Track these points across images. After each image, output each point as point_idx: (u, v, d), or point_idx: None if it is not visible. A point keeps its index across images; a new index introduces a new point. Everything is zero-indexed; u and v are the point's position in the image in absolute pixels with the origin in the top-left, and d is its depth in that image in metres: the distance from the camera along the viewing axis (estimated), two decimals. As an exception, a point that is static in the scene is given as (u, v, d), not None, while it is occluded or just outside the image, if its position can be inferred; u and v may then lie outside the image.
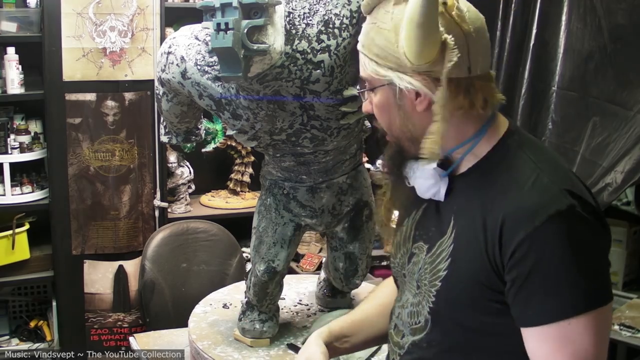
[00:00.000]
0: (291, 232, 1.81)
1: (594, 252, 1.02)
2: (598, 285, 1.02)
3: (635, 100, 2.51)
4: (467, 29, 1.06)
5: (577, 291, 1.00)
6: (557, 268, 1.00)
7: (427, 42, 1.04)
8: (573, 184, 1.06)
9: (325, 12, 1.50)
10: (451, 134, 1.12)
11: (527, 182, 1.05)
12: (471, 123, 1.13)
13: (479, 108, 1.10)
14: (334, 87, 1.53)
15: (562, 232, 1.00)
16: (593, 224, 1.02)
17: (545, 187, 1.03)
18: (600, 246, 1.04)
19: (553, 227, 1.00)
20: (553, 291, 1.00)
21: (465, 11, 1.08)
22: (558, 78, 2.74)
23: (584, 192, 1.05)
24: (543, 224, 1.00)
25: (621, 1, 2.54)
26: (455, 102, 1.09)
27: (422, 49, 1.04)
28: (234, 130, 1.68)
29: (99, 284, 3.12)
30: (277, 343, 1.85)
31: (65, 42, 2.89)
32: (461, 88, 1.08)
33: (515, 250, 1.02)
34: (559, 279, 1.00)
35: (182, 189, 3.31)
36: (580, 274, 1.00)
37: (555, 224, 1.00)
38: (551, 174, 1.06)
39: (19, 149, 2.94)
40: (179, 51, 1.63)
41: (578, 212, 1.01)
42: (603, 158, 2.57)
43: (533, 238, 1.00)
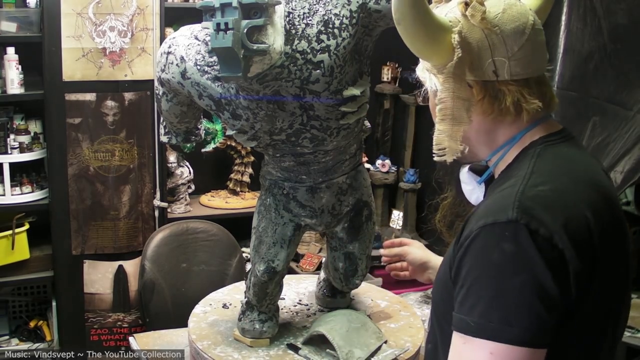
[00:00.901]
0: (291, 232, 1.81)
1: (514, 279, 0.91)
2: (500, 317, 0.90)
3: (635, 100, 2.51)
4: (490, 29, 1.04)
5: (475, 311, 0.92)
6: (472, 277, 0.94)
7: (421, 39, 1.03)
8: (539, 203, 0.95)
9: (325, 12, 1.50)
10: (482, 140, 1.11)
11: (503, 188, 1.01)
12: (503, 130, 1.09)
13: (508, 114, 1.06)
14: (334, 87, 1.53)
15: (486, 244, 0.94)
16: (529, 251, 0.91)
17: (507, 195, 0.97)
18: (527, 278, 0.90)
19: (482, 236, 0.95)
20: (463, 300, 0.95)
21: (495, 12, 1.04)
22: (558, 78, 2.74)
23: (545, 217, 0.93)
24: (479, 229, 0.95)
25: (621, 1, 2.54)
26: (482, 107, 1.07)
27: (421, 46, 1.04)
28: (233, 130, 1.68)
29: (98, 284, 3.12)
30: (277, 343, 1.85)
31: (65, 42, 2.89)
32: (487, 91, 1.06)
33: (459, 250, 0.99)
34: (469, 291, 0.94)
35: (182, 189, 3.31)
36: (483, 294, 0.92)
37: (485, 234, 0.94)
38: (528, 186, 0.98)
39: (19, 149, 2.95)
40: (179, 51, 1.63)
41: (516, 230, 0.92)
42: (603, 158, 2.57)
43: (469, 241, 0.96)
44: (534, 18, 1.08)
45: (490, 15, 1.04)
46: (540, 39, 1.08)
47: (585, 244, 0.95)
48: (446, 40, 1.04)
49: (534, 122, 1.09)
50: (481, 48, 1.04)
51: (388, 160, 3.74)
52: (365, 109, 1.64)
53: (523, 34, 1.05)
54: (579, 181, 1.03)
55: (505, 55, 1.04)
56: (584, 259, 0.94)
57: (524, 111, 1.06)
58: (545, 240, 0.91)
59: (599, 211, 1.00)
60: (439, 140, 1.07)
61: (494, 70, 1.04)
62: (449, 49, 1.03)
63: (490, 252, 0.93)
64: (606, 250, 1.00)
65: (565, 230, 0.93)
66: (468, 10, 1.03)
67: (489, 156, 1.13)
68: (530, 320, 0.90)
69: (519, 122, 1.08)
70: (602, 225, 1.00)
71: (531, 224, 0.92)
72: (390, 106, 3.75)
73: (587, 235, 0.96)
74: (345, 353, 1.71)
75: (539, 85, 1.08)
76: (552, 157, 1.06)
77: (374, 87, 3.63)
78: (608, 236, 1.02)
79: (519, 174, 1.02)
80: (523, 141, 1.09)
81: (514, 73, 1.05)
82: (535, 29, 1.07)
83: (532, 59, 1.07)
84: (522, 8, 1.08)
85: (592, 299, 0.97)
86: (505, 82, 1.05)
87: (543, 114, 1.09)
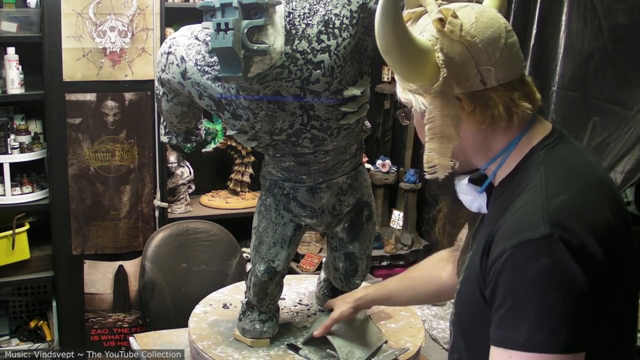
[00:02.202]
0: (291, 232, 1.81)
1: (556, 292, 0.93)
2: (549, 329, 0.93)
3: (635, 100, 2.51)
4: (470, 41, 1.04)
5: (522, 327, 0.94)
6: (514, 295, 0.96)
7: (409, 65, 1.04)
8: (565, 214, 0.96)
9: (325, 12, 1.50)
10: (479, 151, 1.11)
11: (523, 203, 1.01)
12: (499, 137, 1.10)
13: (501, 120, 1.06)
14: (334, 87, 1.53)
15: (523, 262, 0.95)
16: (567, 263, 0.93)
17: (531, 211, 0.98)
18: (568, 289, 0.92)
19: (518, 254, 0.95)
20: (506, 317, 0.96)
21: (469, 23, 1.05)
22: (558, 78, 2.74)
23: (575, 227, 0.95)
24: (512, 247, 0.96)
25: (621, 1, 2.54)
26: (474, 118, 1.07)
27: (409, 73, 1.05)
28: (234, 130, 1.68)
29: (99, 284, 3.12)
30: (277, 343, 1.85)
31: (65, 42, 2.89)
32: (477, 102, 1.06)
33: (491, 269, 1.00)
34: (512, 307, 0.95)
35: (182, 189, 3.31)
36: (529, 310, 0.94)
37: (522, 251, 0.95)
38: (549, 197, 0.99)
39: (19, 149, 2.95)
40: (179, 51, 1.63)
41: (551, 245, 0.93)
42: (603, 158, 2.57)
43: (503, 260, 0.97)
44: (504, 20, 1.10)
45: (466, 27, 1.04)
46: (515, 39, 1.09)
47: (611, 244, 0.98)
48: (430, 61, 1.04)
49: (526, 126, 1.10)
50: (465, 61, 1.04)
51: (388, 160, 3.74)
52: (366, 109, 1.65)
53: (500, 38, 1.06)
54: (591, 184, 1.04)
55: (489, 62, 1.05)
56: (612, 258, 0.97)
57: (515, 115, 1.06)
58: (580, 249, 0.94)
59: (613, 209, 1.03)
60: (429, 158, 1.09)
61: (480, 79, 1.05)
62: (434, 69, 1.04)
63: (529, 269, 0.94)
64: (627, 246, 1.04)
65: (594, 236, 0.95)
66: (446, 26, 1.03)
67: (485, 165, 1.13)
68: (576, 328, 0.93)
69: (512, 128, 1.09)
70: (619, 223, 1.03)
71: (564, 236, 0.93)
72: (391, 106, 3.75)
73: (611, 235, 0.98)
74: (346, 353, 1.71)
75: (522, 85, 1.09)
76: (557, 163, 1.06)
77: (374, 87, 3.63)
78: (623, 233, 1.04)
79: (533, 186, 1.02)
80: (521, 147, 1.09)
81: (500, 78, 1.05)
82: (509, 31, 1.08)
83: (513, 61, 1.08)
84: (491, 13, 1.09)
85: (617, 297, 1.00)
86: (494, 89, 1.05)
87: (531, 117, 1.10)
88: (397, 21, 1.01)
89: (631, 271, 1.06)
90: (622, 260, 1.01)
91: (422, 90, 1.07)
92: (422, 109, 1.08)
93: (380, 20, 1.01)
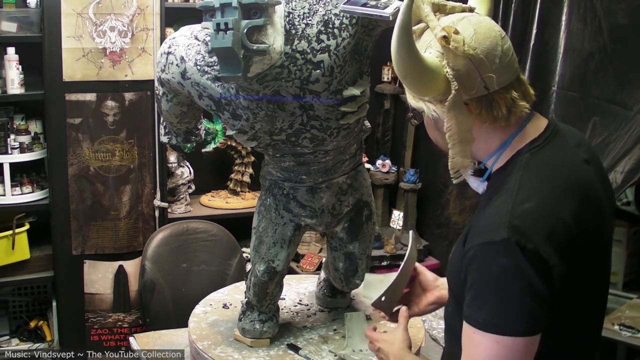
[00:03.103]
0: (291, 232, 1.81)
1: (512, 288, 1.08)
2: (501, 316, 1.09)
3: (635, 100, 2.51)
4: (472, 53, 1.13)
5: (482, 312, 1.11)
6: (478, 285, 1.12)
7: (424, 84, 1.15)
8: (526, 221, 1.08)
9: (325, 12, 1.50)
10: (480, 146, 1.21)
11: (496, 205, 1.14)
12: (497, 135, 1.20)
13: (501, 120, 1.16)
14: (334, 87, 1.53)
15: (486, 259, 1.10)
16: (522, 264, 1.06)
17: (498, 214, 1.11)
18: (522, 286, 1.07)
19: (482, 252, 1.10)
20: (472, 301, 1.13)
21: (469, 36, 1.14)
22: (558, 78, 2.74)
23: (531, 233, 1.07)
24: (478, 246, 1.11)
25: (621, 1, 2.54)
26: (479, 118, 1.17)
27: (424, 90, 1.17)
28: (233, 130, 1.68)
29: (99, 284, 3.12)
30: (277, 343, 1.85)
31: (65, 42, 2.89)
32: (482, 105, 1.16)
33: (464, 257, 1.14)
34: (477, 294, 1.12)
35: (182, 189, 3.31)
36: (488, 299, 1.10)
37: (483, 251, 1.10)
38: (515, 204, 1.10)
39: (19, 149, 2.95)
40: (179, 51, 1.63)
41: (508, 248, 1.07)
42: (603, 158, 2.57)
43: (470, 255, 1.12)
44: (498, 27, 1.18)
45: (467, 40, 1.14)
46: (509, 44, 1.18)
47: (567, 248, 1.10)
48: (440, 76, 1.14)
49: (521, 124, 1.19)
50: (469, 71, 1.14)
51: (388, 160, 3.74)
52: (365, 109, 1.65)
53: (497, 46, 1.15)
54: (560, 189, 1.14)
55: (490, 69, 1.14)
56: (566, 261, 1.09)
57: (512, 115, 1.17)
58: (533, 253, 1.07)
59: (580, 212, 1.13)
60: (454, 164, 1.22)
61: (484, 86, 1.15)
62: (444, 82, 1.14)
63: (490, 266, 1.09)
64: (588, 246, 1.16)
65: (549, 241, 1.08)
66: (451, 44, 1.13)
67: (486, 159, 1.23)
68: (528, 316, 1.09)
69: (510, 126, 1.19)
70: (584, 224, 1.14)
71: (521, 242, 1.07)
72: (391, 106, 3.75)
73: (567, 240, 1.10)
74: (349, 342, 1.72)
75: (519, 84, 1.18)
76: (537, 167, 1.16)
77: (374, 87, 3.62)
78: (590, 231, 1.17)
79: (508, 188, 1.14)
80: (513, 146, 1.19)
81: (501, 82, 1.15)
82: (503, 37, 1.17)
83: (510, 64, 1.17)
84: (486, 22, 1.18)
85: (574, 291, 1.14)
86: (496, 92, 1.15)
87: (526, 115, 1.20)
88: (411, 47, 1.11)
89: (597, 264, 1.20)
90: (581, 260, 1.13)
91: (433, 99, 1.18)
92: (434, 115, 1.19)
93: (397, 49, 1.12)
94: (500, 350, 1.09)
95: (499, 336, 1.09)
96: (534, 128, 1.20)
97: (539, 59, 2.80)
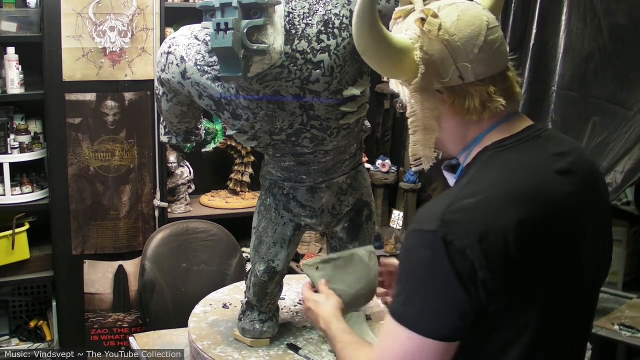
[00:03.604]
0: (291, 232, 1.82)
1: (429, 283, 1.04)
2: (417, 310, 1.05)
3: (635, 100, 2.51)
4: (448, 39, 1.09)
5: (399, 299, 1.08)
6: (399, 271, 1.09)
7: (387, 63, 1.12)
8: (460, 217, 1.03)
9: (325, 12, 1.50)
10: (453, 140, 1.17)
11: (443, 194, 1.10)
12: (471, 131, 1.15)
13: (474, 113, 1.12)
14: (334, 87, 1.53)
15: (411, 247, 1.07)
16: (442, 259, 1.01)
17: (438, 204, 1.07)
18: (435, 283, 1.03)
19: (411, 238, 1.08)
20: (395, 287, 1.10)
21: (451, 22, 1.10)
22: (558, 78, 2.74)
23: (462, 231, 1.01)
24: (411, 231, 1.08)
25: (621, 1, 2.54)
26: (452, 109, 1.13)
27: (387, 70, 1.15)
28: (234, 130, 1.68)
29: (99, 284, 3.12)
30: (277, 343, 1.85)
31: (65, 42, 2.89)
32: (455, 95, 1.11)
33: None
34: (398, 281, 1.10)
35: (182, 189, 3.31)
36: (404, 288, 1.07)
37: (412, 238, 1.07)
38: (457, 198, 1.06)
39: (19, 149, 2.95)
40: (179, 51, 1.63)
41: (434, 241, 1.02)
42: (603, 158, 2.57)
43: (404, 238, 1.11)
44: (488, 18, 1.13)
45: (446, 25, 1.10)
46: (498, 35, 1.12)
47: (500, 256, 1.01)
48: (410, 58, 1.11)
49: (497, 122, 1.14)
50: (444, 58, 1.10)
51: (388, 160, 3.74)
52: (366, 109, 1.65)
53: (480, 36, 1.10)
54: (513, 194, 1.06)
55: (467, 59, 1.09)
56: (497, 268, 1.01)
57: (487, 110, 1.11)
58: (458, 251, 1.01)
59: (531, 223, 1.04)
60: (415, 151, 1.17)
61: (459, 75, 1.10)
62: (414, 65, 1.11)
63: (413, 255, 1.07)
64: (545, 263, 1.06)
65: (480, 244, 1.01)
66: (425, 26, 1.09)
67: (459, 155, 1.19)
68: (439, 319, 1.03)
69: (482, 122, 1.14)
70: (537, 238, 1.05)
71: (448, 237, 1.01)
72: (391, 106, 3.75)
73: (503, 249, 1.02)
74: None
75: (503, 80, 1.13)
76: (495, 166, 1.11)
77: (374, 87, 3.62)
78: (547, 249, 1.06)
79: (460, 182, 1.11)
80: (483, 143, 1.15)
81: (479, 74, 1.10)
82: (491, 28, 1.11)
83: (493, 57, 1.11)
84: (476, 11, 1.13)
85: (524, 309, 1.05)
86: (472, 84, 1.11)
87: (507, 113, 1.14)
88: (372, 23, 1.08)
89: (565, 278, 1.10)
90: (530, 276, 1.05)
91: (406, 83, 1.15)
92: (407, 100, 1.16)
93: (357, 24, 1.10)
94: (409, 346, 1.04)
95: (408, 331, 1.04)
96: (511, 128, 1.15)
97: (539, 59, 2.80)
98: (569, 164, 1.13)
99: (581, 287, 1.14)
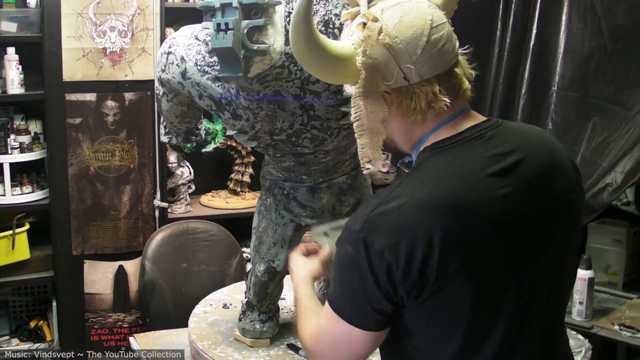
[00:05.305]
0: (291, 232, 1.82)
1: (348, 274, 1.12)
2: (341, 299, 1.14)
3: (635, 100, 2.51)
4: (390, 42, 1.09)
5: (333, 285, 1.17)
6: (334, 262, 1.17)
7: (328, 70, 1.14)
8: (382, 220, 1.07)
9: (325, 13, 1.50)
10: (403, 140, 1.20)
11: (376, 195, 1.16)
12: (417, 130, 1.16)
13: (418, 113, 1.12)
14: (334, 87, 1.53)
15: (341, 239, 1.13)
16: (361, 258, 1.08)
17: (368, 205, 1.12)
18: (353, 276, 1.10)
19: (343, 231, 1.14)
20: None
21: (393, 24, 1.09)
22: (558, 78, 2.74)
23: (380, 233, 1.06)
24: (346, 225, 1.14)
25: (621, 1, 2.55)
26: (400, 110, 1.13)
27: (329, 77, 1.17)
28: (234, 130, 1.68)
29: (99, 284, 3.12)
30: (277, 343, 1.85)
31: (65, 42, 2.89)
32: (402, 96, 1.12)
33: None
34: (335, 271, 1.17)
35: (182, 189, 3.31)
36: (335, 279, 1.16)
37: (345, 231, 1.13)
38: (384, 201, 1.09)
39: (19, 149, 2.94)
40: (179, 51, 1.63)
41: (357, 239, 1.08)
42: (603, 158, 2.57)
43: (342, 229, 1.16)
44: (433, 16, 1.11)
45: (388, 28, 1.09)
46: (442, 34, 1.11)
47: (416, 259, 1.04)
48: (352, 63, 1.11)
49: (443, 121, 1.14)
50: (387, 61, 1.10)
51: (388, 160, 3.74)
52: (366, 109, 1.64)
53: (422, 36, 1.09)
54: (435, 197, 1.07)
55: (410, 61, 1.09)
56: (412, 271, 1.05)
57: (431, 110, 1.11)
58: (377, 253, 1.06)
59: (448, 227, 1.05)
60: (364, 154, 1.19)
61: (403, 77, 1.10)
62: (357, 70, 1.11)
63: (342, 248, 1.13)
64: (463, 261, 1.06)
65: (395, 247, 1.05)
66: (365, 31, 1.09)
67: (411, 152, 1.21)
68: (360, 311, 1.11)
69: (426, 122, 1.14)
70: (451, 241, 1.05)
71: (368, 238, 1.07)
72: (391, 106, 3.75)
73: (418, 251, 1.04)
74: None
75: (449, 77, 1.12)
76: (427, 169, 1.13)
77: (374, 87, 3.62)
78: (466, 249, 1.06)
79: (393, 183, 1.15)
80: (426, 143, 1.16)
81: (423, 74, 1.10)
82: (435, 27, 1.10)
83: (438, 56, 1.10)
84: (420, 10, 1.11)
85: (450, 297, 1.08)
86: (417, 84, 1.10)
87: (454, 111, 1.14)
88: (307, 34, 1.09)
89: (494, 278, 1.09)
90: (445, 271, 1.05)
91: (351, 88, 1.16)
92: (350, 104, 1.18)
93: (292, 36, 1.11)
94: (339, 329, 1.13)
95: (337, 316, 1.13)
96: (455, 127, 1.14)
97: (539, 59, 2.81)
98: (510, 164, 1.12)
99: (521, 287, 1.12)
